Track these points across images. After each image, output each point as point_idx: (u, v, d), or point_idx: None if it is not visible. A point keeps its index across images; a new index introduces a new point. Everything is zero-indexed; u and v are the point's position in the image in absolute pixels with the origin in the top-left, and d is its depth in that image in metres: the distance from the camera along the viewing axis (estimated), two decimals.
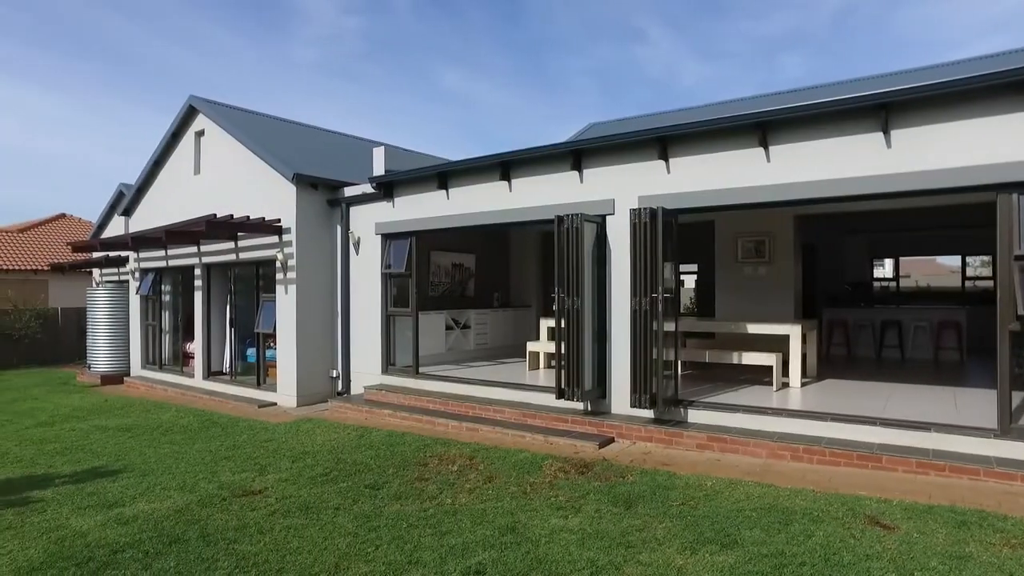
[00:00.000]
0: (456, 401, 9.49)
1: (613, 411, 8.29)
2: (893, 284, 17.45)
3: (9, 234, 25.62)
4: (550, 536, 4.93)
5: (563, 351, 8.06)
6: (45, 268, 22.01)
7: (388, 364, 10.96)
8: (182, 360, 14.02)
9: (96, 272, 18.97)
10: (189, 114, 13.41)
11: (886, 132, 6.45)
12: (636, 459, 7.05)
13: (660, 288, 7.53)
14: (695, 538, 4.79)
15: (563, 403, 8.33)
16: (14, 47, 65.86)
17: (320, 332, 11.43)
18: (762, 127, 7.07)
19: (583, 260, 7.95)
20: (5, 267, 22.53)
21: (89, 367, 15.63)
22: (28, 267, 22.89)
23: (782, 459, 6.69)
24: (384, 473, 6.75)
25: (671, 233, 7.75)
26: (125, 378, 14.85)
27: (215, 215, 10.75)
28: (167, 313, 14.69)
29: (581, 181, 8.58)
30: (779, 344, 9.43)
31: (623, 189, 8.24)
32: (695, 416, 7.69)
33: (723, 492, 5.79)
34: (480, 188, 9.63)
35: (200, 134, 13.31)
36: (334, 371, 11.56)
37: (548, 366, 11.21)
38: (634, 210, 7.64)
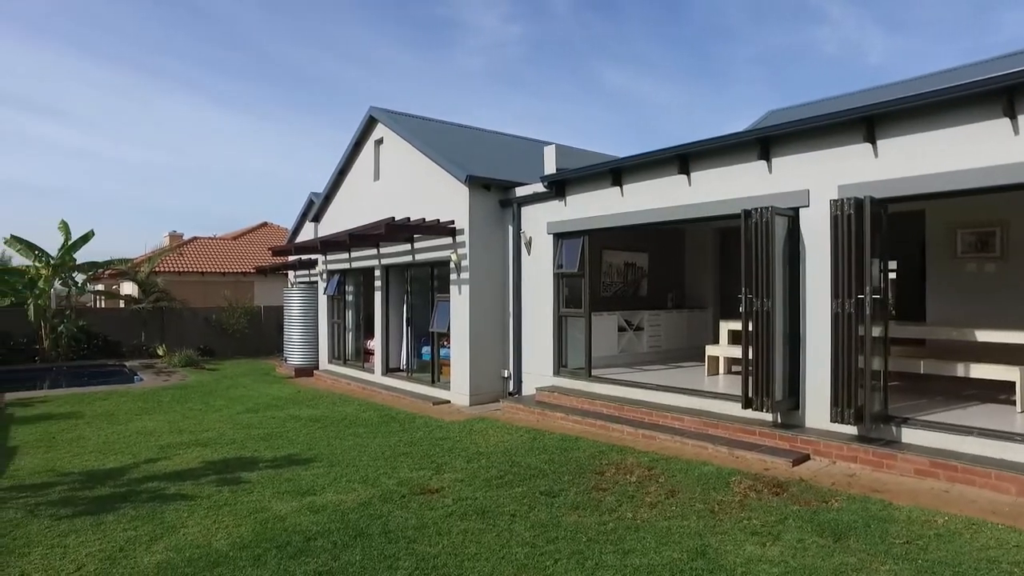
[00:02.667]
0: (631, 406, 9.07)
1: (808, 425, 7.43)
2: None
3: (224, 242, 29.05)
4: (747, 567, 4.39)
5: (751, 357, 7.36)
6: (251, 271, 24.60)
7: (560, 366, 10.78)
8: (363, 356, 14.89)
9: (291, 274, 20.82)
10: (369, 124, 14.20)
11: None
12: (839, 482, 6.22)
13: (867, 288, 6.60)
14: None
15: (750, 413, 7.61)
16: (229, 82, 75.15)
17: (492, 332, 11.53)
18: (1009, 92, 5.90)
19: (773, 257, 7.20)
20: (221, 270, 25.54)
21: (285, 360, 17.14)
22: (238, 270, 25.76)
23: None
24: (559, 480, 6.52)
25: (879, 226, 6.78)
26: (314, 371, 16.09)
27: (393, 218, 11.24)
28: (350, 312, 15.70)
29: (769, 171, 7.80)
30: (1016, 356, 7.94)
31: (819, 178, 7.35)
32: (911, 436, 6.64)
33: (962, 534, 4.86)
34: (656, 183, 9.14)
35: (379, 142, 14.04)
36: (505, 371, 11.61)
37: (728, 372, 10.43)
38: (835, 201, 6.76)
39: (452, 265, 11.36)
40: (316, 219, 16.49)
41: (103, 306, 25.35)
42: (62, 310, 19.18)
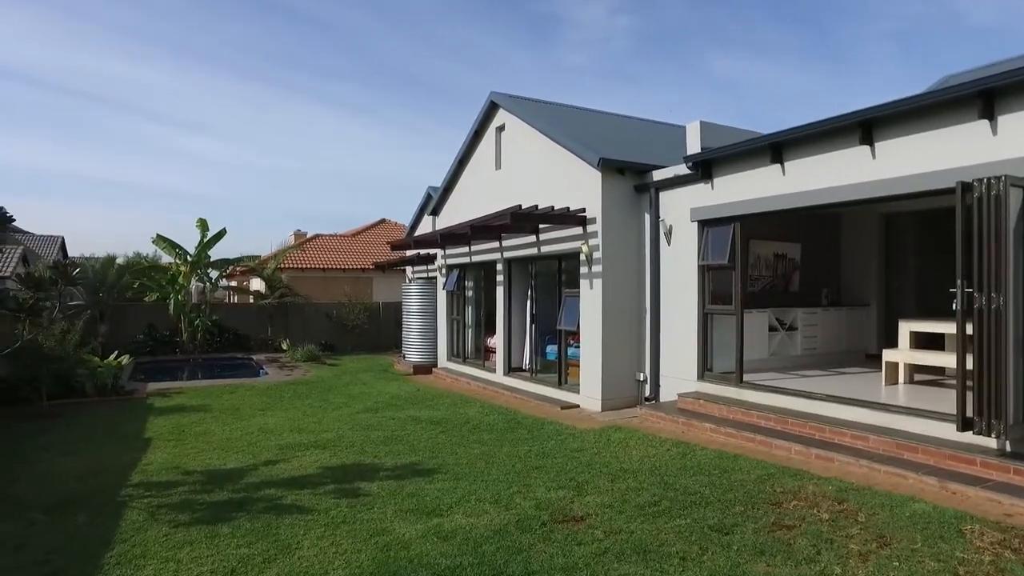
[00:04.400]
0: (796, 419, 7.73)
1: None
2: None
3: (344, 239, 29.65)
4: None
5: (975, 367, 5.87)
6: (370, 267, 24.80)
7: (704, 369, 9.55)
8: (483, 354, 14.22)
9: (409, 270, 20.67)
10: (490, 110, 13.49)
11: None
12: None
13: None
14: None
15: (966, 437, 6.11)
16: (349, 89, 78.16)
17: (626, 331, 10.46)
18: None
19: (1005, 241, 5.68)
20: (342, 266, 25.98)
21: (403, 357, 16.85)
22: (357, 266, 26.10)
23: None
24: (728, 510, 5.39)
25: None
26: (433, 369, 15.63)
27: (519, 206, 10.41)
28: (470, 308, 15.10)
29: (994, 133, 6.23)
30: None
31: None
32: None
33: None
34: (827, 159, 7.73)
35: (500, 129, 13.29)
36: (641, 374, 10.50)
37: (910, 381, 8.80)
38: None
39: (583, 257, 10.38)
40: (434, 212, 16.04)
41: (234, 301, 26.50)
42: (198, 305, 19.98)
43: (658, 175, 10.21)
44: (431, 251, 16.68)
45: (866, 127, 7.19)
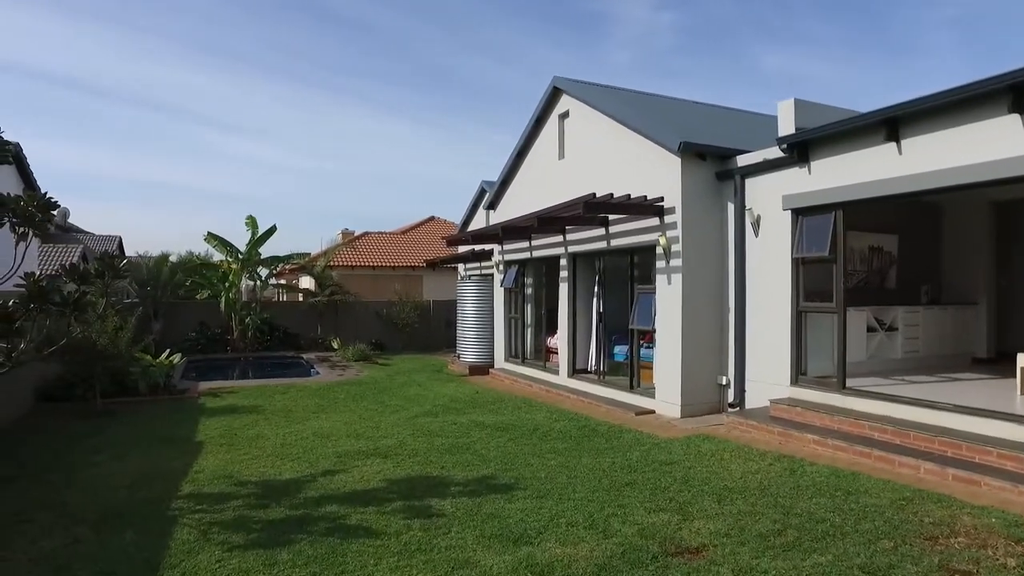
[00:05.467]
0: (920, 433, 6.74)
1: None
2: None
3: (393, 236, 29.26)
4: None
5: None
6: (420, 265, 24.29)
7: (798, 374, 8.60)
8: (544, 355, 13.45)
9: (461, 267, 20.06)
10: (552, 97, 12.72)
11: None
12: None
13: None
14: None
15: None
16: (392, 91, 78.57)
17: (707, 330, 9.56)
18: None
19: None
20: (391, 264, 25.55)
21: (459, 356, 16.20)
22: (407, 264, 25.63)
23: None
24: (873, 545, 4.51)
25: None
26: (490, 369, 14.93)
27: (593, 194, 9.58)
28: (529, 306, 14.35)
29: None
30: None
31: None
32: None
33: None
34: (958, 132, 6.72)
35: (564, 116, 12.51)
36: (723, 378, 9.59)
37: None
38: None
39: (660, 250, 9.52)
40: (491, 206, 15.34)
41: (283, 299, 26.34)
42: (249, 303, 19.74)
43: (744, 160, 9.28)
44: (487, 247, 15.99)
45: (1018, 91, 6.15)
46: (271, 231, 19.53)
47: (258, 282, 20.26)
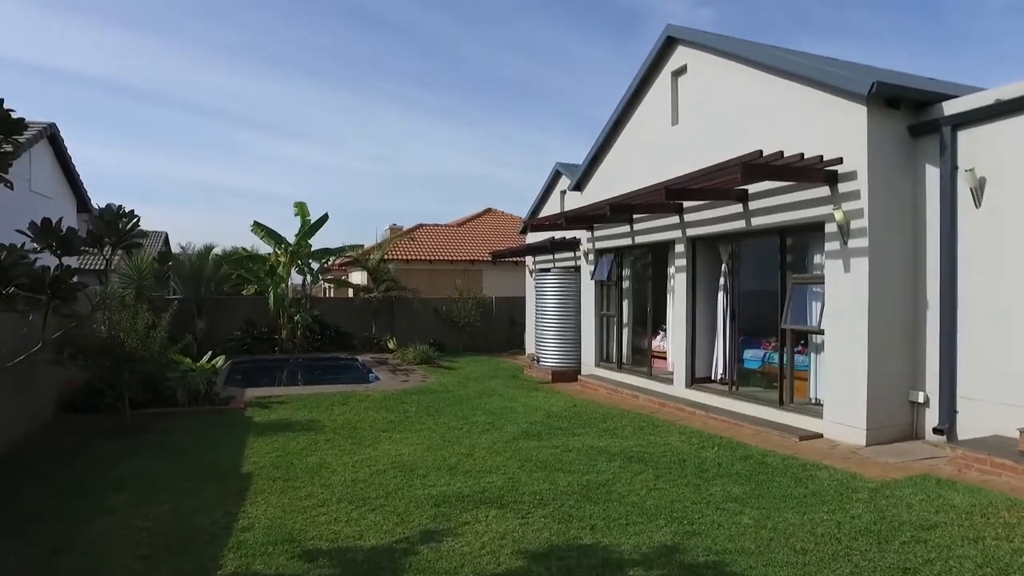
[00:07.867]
0: None
1: None
2: None
3: (449, 228, 27.38)
4: None
5: None
6: (480, 259, 22.32)
7: None
8: (648, 360, 11.29)
9: (529, 260, 18.04)
10: (664, 50, 10.54)
11: None
12: None
13: None
14: None
15: None
16: (433, 93, 77.23)
17: (898, 331, 7.30)
18: None
19: None
20: (449, 258, 23.64)
21: (537, 360, 14.13)
22: (466, 258, 23.68)
23: None
24: None
25: None
26: (577, 376, 12.82)
27: (760, 152, 7.32)
28: (627, 302, 12.19)
29: None
30: None
31: None
32: None
33: None
34: None
35: (678, 73, 10.34)
36: (920, 394, 7.30)
37: None
38: None
39: (836, 227, 7.28)
40: (577, 187, 13.20)
41: (333, 295, 24.68)
42: (298, 299, 18.05)
43: (954, 106, 6.98)
44: (569, 234, 13.89)
45: None
46: (323, 220, 17.81)
47: (308, 276, 18.56)
